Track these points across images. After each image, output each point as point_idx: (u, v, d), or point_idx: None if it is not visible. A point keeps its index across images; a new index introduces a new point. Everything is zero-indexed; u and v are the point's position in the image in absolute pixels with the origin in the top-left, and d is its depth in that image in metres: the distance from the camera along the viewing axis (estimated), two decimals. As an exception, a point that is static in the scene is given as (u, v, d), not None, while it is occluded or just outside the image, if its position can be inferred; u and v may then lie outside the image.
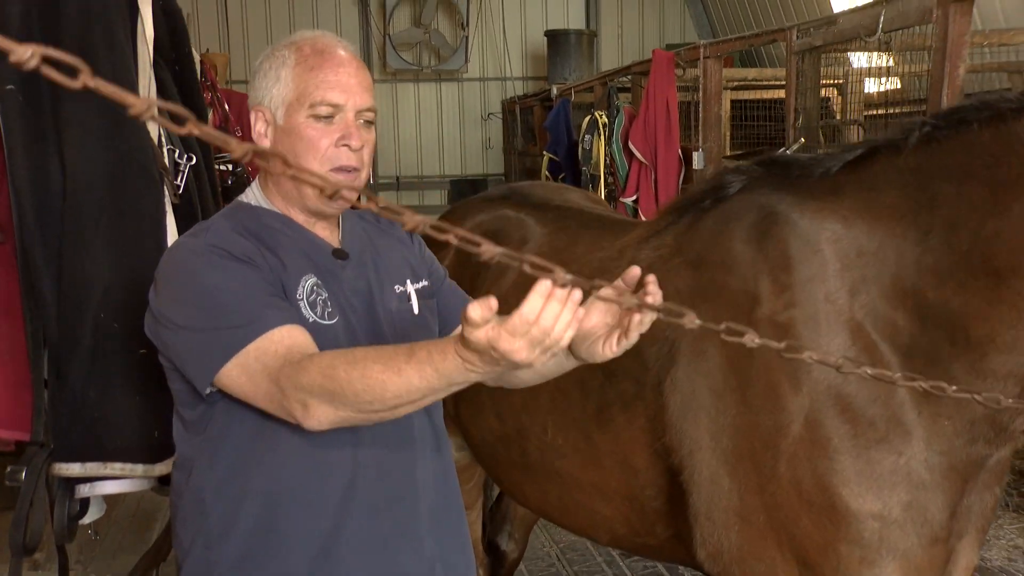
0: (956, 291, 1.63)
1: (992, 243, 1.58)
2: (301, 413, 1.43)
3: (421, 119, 13.16)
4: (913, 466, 1.69)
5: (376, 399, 1.37)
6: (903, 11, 4.07)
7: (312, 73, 1.62)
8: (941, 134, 1.69)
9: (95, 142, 2.10)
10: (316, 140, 1.62)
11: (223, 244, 1.57)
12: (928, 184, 1.69)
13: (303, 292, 1.62)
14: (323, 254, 1.70)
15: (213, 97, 4.57)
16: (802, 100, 5.17)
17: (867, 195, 1.77)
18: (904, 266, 1.70)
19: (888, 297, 1.72)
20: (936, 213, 1.67)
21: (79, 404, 2.13)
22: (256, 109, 1.66)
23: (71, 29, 2.10)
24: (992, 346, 1.62)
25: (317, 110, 1.61)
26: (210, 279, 1.54)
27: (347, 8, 12.72)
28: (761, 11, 11.11)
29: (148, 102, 0.64)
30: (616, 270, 2.23)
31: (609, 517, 2.19)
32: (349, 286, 1.71)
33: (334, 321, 1.64)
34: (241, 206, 1.73)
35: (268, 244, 1.63)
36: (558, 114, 8.43)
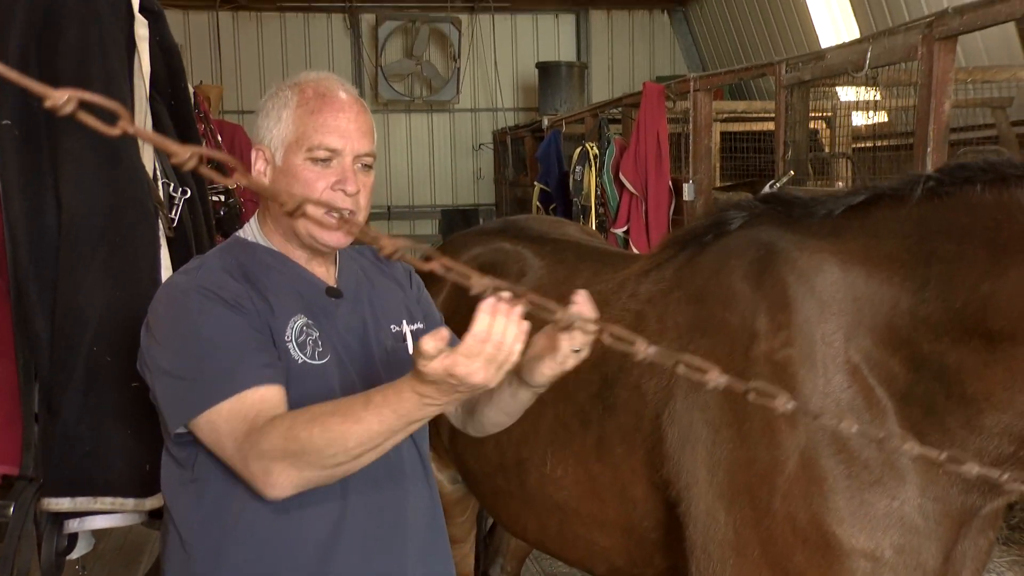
0: (951, 346, 1.65)
1: (986, 305, 1.60)
2: (263, 480, 1.45)
3: (412, 149, 13.21)
4: (907, 510, 1.70)
5: (339, 451, 1.39)
6: (889, 47, 4.13)
7: (312, 116, 1.63)
8: (945, 190, 1.71)
9: (91, 176, 2.11)
10: (312, 182, 1.63)
11: (212, 286, 1.58)
12: (928, 238, 1.71)
13: (292, 333, 1.62)
14: (317, 292, 1.71)
15: (206, 128, 4.57)
16: (791, 133, 5.22)
17: (867, 241, 1.79)
18: (900, 316, 1.72)
19: (883, 344, 1.74)
20: (934, 268, 1.68)
21: (70, 438, 2.11)
22: (257, 148, 1.68)
23: (68, 63, 2.11)
24: (987, 404, 1.62)
25: (315, 153, 1.63)
26: (194, 326, 1.55)
27: (339, 39, 12.80)
28: (750, 45, 11.24)
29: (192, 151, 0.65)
30: (617, 303, 2.27)
31: (608, 549, 2.20)
32: (343, 324, 1.72)
33: (325, 360, 1.65)
34: (238, 242, 1.74)
35: (259, 284, 1.63)
36: (549, 145, 8.48)
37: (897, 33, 4.09)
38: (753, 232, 2.02)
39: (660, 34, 13.45)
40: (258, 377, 1.52)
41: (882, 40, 4.17)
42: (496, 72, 12.90)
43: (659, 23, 13.45)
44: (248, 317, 1.57)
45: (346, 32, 12.77)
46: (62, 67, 2.11)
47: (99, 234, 2.12)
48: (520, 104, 13.14)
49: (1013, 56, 7.00)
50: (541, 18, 13.30)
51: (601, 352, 2.20)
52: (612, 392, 2.11)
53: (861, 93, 5.79)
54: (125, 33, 2.20)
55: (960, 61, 7.18)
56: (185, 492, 1.64)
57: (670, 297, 2.10)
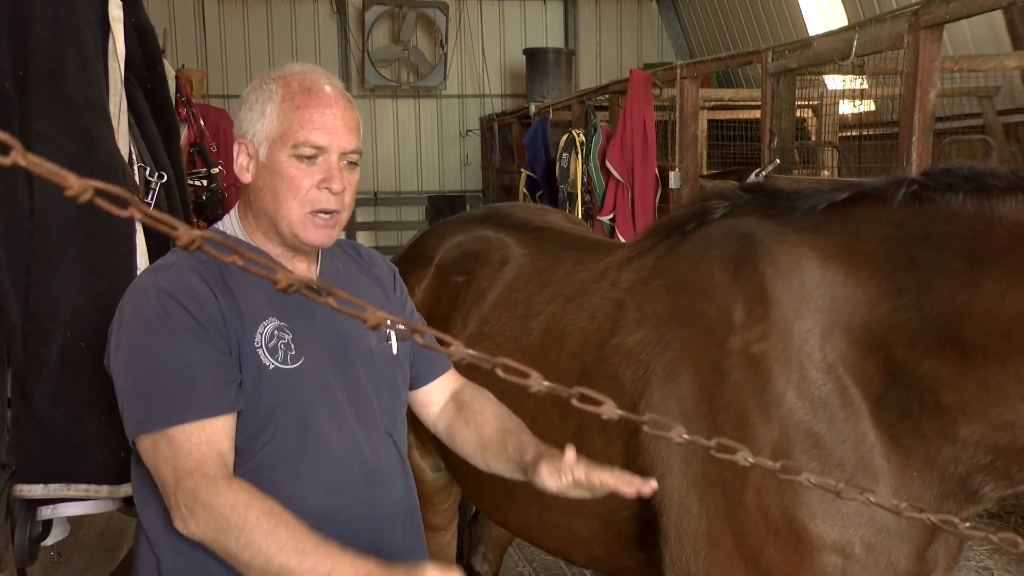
0: (925, 355, 1.64)
1: (961, 317, 1.59)
2: (180, 516, 1.46)
3: (399, 135, 13.17)
4: (878, 511, 1.69)
5: (261, 560, 1.39)
6: (875, 36, 4.13)
7: (298, 112, 1.60)
8: (927, 195, 1.71)
9: (63, 161, 2.07)
10: (297, 180, 1.60)
11: (178, 291, 1.55)
12: (907, 242, 1.70)
13: (261, 338, 1.60)
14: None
15: (188, 113, 4.53)
16: (777, 121, 5.22)
17: (847, 240, 1.79)
18: (876, 319, 1.71)
19: (859, 346, 1.73)
20: (911, 273, 1.68)
21: (44, 424, 2.09)
22: (240, 141, 1.64)
23: (41, 46, 2.07)
24: (961, 414, 1.62)
25: (300, 150, 1.59)
26: (148, 341, 1.53)
27: (326, 24, 12.72)
28: (739, 32, 11.22)
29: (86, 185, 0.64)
30: (598, 291, 2.26)
31: (587, 538, 2.20)
32: (322, 324, 1.69)
33: (298, 364, 1.62)
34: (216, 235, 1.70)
35: (232, 284, 1.61)
36: (536, 132, 8.45)
37: (883, 21, 4.08)
38: (734, 223, 2.01)
39: (648, 21, 13.42)
40: (208, 409, 1.51)
41: (868, 28, 4.16)
42: (483, 58, 12.86)
43: (647, 10, 13.42)
44: (209, 332, 1.55)
45: (332, 17, 12.69)
46: (34, 49, 2.07)
47: (73, 220, 2.09)
48: (508, 91, 13.10)
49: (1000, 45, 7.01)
50: (529, 4, 13.26)
51: (581, 340, 2.22)
52: (591, 381, 2.10)
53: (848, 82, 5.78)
54: (99, 15, 2.17)
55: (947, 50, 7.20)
56: (153, 493, 1.61)
57: (650, 286, 2.10)
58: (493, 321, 2.36)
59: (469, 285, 2.53)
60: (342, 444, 1.66)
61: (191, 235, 0.66)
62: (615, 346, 2.08)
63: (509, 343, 2.34)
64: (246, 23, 12.42)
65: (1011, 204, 1.59)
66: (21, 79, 2.06)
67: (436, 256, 2.71)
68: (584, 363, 2.14)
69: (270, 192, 1.61)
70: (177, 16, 12.02)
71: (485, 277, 2.52)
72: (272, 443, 1.60)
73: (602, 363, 2.10)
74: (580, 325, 2.21)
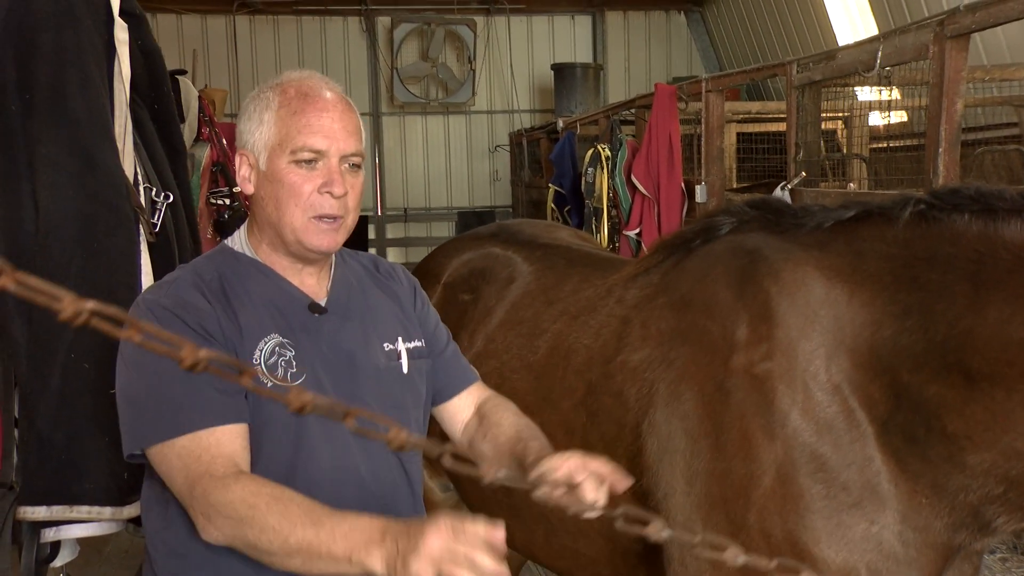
0: (930, 379, 1.60)
1: (965, 342, 1.55)
2: (202, 524, 1.43)
3: (429, 151, 13.21)
4: (885, 536, 1.65)
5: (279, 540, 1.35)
6: (900, 47, 4.06)
7: (295, 117, 1.58)
8: (933, 214, 1.67)
9: (67, 182, 2.09)
10: (298, 186, 1.58)
11: (177, 307, 1.54)
12: (912, 263, 1.67)
13: (261, 356, 1.57)
14: (298, 307, 1.65)
15: (211, 132, 4.57)
16: (803, 134, 5.15)
17: (852, 259, 1.75)
18: (881, 341, 1.67)
19: (864, 368, 1.69)
20: (915, 295, 1.64)
21: (46, 446, 2.10)
22: (241, 153, 1.63)
23: (45, 69, 2.10)
24: (969, 442, 1.57)
25: (299, 155, 1.57)
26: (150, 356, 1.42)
27: (355, 42, 12.83)
28: (768, 45, 11.14)
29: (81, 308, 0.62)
30: (603, 308, 2.23)
31: (594, 559, 2.17)
32: (328, 341, 1.66)
33: (299, 382, 1.59)
34: (224, 251, 1.69)
35: (235, 300, 1.59)
36: (563, 147, 8.45)
37: (908, 32, 4.01)
38: (740, 239, 1.99)
39: (677, 35, 13.37)
40: (214, 417, 1.48)
41: (893, 39, 4.10)
42: (512, 74, 12.88)
43: (675, 24, 13.37)
44: (209, 344, 1.51)
45: (362, 35, 12.79)
46: (38, 71, 2.09)
47: (75, 241, 2.10)
48: (536, 106, 13.10)
49: (1035, 53, 6.87)
50: (557, 19, 13.27)
51: (587, 358, 2.19)
52: (596, 399, 2.08)
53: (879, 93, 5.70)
54: (104, 37, 2.19)
55: (981, 59, 7.07)
56: (156, 507, 1.60)
57: (655, 303, 2.07)
58: (499, 339, 2.33)
59: (476, 303, 2.52)
60: (335, 465, 1.63)
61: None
62: (620, 364, 2.05)
63: (515, 361, 2.32)
64: (277, 42, 12.56)
65: (1016, 226, 1.55)
66: (27, 101, 2.08)
67: (444, 274, 2.70)
68: (589, 381, 2.12)
69: (272, 200, 1.60)
70: (209, 35, 12.20)
71: (492, 295, 2.50)
72: (261, 460, 1.57)
73: (607, 381, 2.07)
74: (586, 342, 2.18)
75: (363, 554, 1.27)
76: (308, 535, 1.33)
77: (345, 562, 1.31)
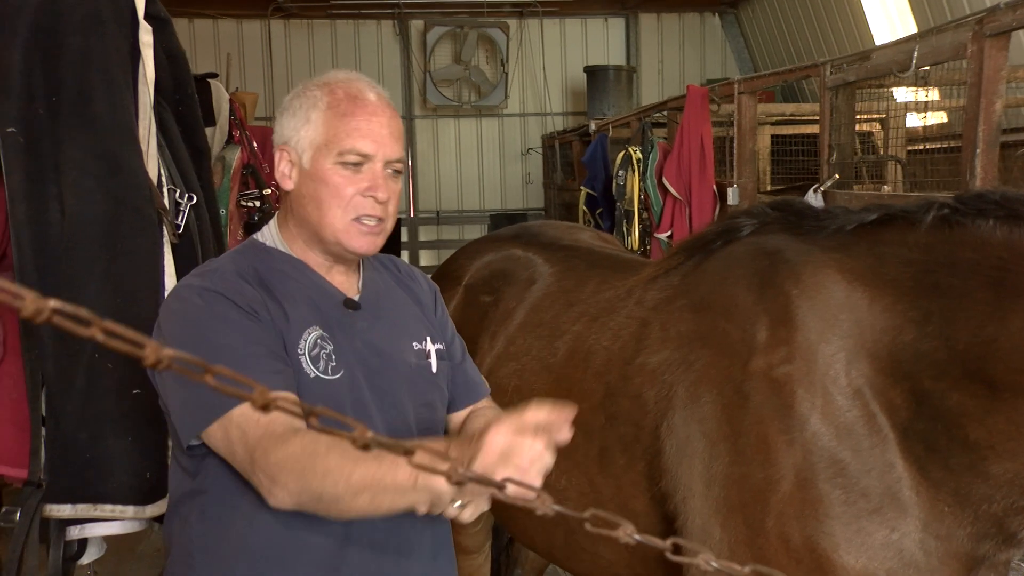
0: (952, 387, 1.57)
1: (988, 351, 1.52)
2: (268, 486, 1.42)
3: (461, 154, 13.24)
4: (906, 544, 1.62)
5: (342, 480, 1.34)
6: (937, 47, 3.99)
7: (344, 120, 1.58)
8: (956, 219, 1.64)
9: (92, 184, 2.12)
10: (342, 187, 1.59)
11: (224, 289, 1.54)
12: (933, 268, 1.64)
13: (305, 346, 1.57)
14: (333, 303, 1.66)
15: (242, 135, 4.60)
16: (836, 136, 5.08)
17: (874, 263, 1.73)
18: (901, 347, 1.65)
19: (885, 374, 1.67)
20: (936, 301, 1.61)
21: (70, 445, 2.12)
22: (282, 148, 1.63)
23: (70, 72, 2.13)
24: (992, 452, 1.54)
25: (346, 158, 1.58)
26: (206, 330, 1.51)
27: (388, 45, 12.89)
28: (803, 46, 11.01)
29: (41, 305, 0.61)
30: (623, 310, 2.22)
31: (613, 562, 2.17)
32: (361, 338, 1.66)
33: (338, 376, 1.59)
34: (254, 246, 1.70)
35: (274, 292, 1.59)
36: (595, 149, 8.42)
37: (946, 31, 3.95)
38: (761, 241, 1.98)
39: (711, 37, 13.27)
40: (274, 383, 1.47)
41: (930, 39, 4.03)
42: (544, 76, 12.87)
43: (710, 25, 13.27)
44: (262, 324, 1.53)
45: (395, 38, 12.86)
46: (64, 75, 2.13)
47: (99, 242, 2.13)
48: (569, 108, 13.07)
49: (1077, 53, 6.72)
50: (590, 22, 13.22)
51: (606, 360, 2.17)
52: (614, 402, 2.07)
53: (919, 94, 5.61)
54: (129, 40, 2.22)
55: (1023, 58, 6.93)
56: (191, 502, 1.60)
57: (674, 305, 2.06)
58: (519, 341, 2.33)
59: (496, 305, 2.52)
60: None
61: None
62: (638, 366, 2.04)
63: (535, 363, 2.31)
64: (311, 45, 12.67)
65: None
66: (53, 104, 2.11)
67: (465, 276, 2.70)
68: (608, 383, 2.11)
69: (313, 200, 1.60)
70: (244, 39, 12.33)
71: (512, 297, 2.50)
72: None
73: (625, 383, 2.06)
74: (605, 344, 2.17)
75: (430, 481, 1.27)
76: (371, 469, 1.32)
77: (411, 489, 1.30)
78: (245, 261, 1.64)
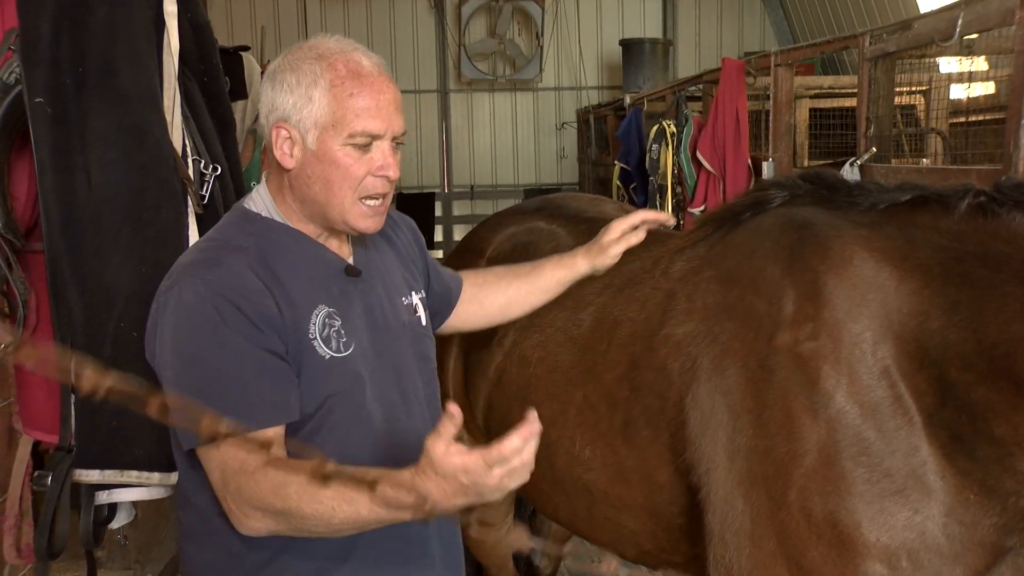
0: (978, 381, 1.53)
1: (1016, 348, 1.48)
2: (238, 519, 1.47)
3: (496, 128, 13.19)
4: (929, 527, 1.59)
5: (321, 525, 1.40)
6: (983, 14, 3.86)
7: (352, 100, 1.55)
8: (992, 208, 1.59)
9: (117, 154, 2.13)
10: (352, 169, 1.57)
11: (234, 295, 1.50)
12: (964, 257, 1.60)
13: (315, 329, 1.57)
14: (335, 274, 1.65)
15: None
16: (874, 108, 4.97)
17: (904, 245, 1.70)
18: (928, 333, 1.61)
19: (910, 357, 1.63)
20: (965, 291, 1.57)
21: (98, 413, 2.16)
22: (280, 125, 1.58)
23: (96, 44, 2.14)
24: (1018, 449, 1.51)
25: (356, 140, 1.56)
26: (204, 348, 1.49)
27: (424, 19, 12.85)
28: (844, 17, 10.78)
29: None
30: (649, 281, 2.19)
31: (636, 532, 2.16)
32: (362, 305, 1.67)
33: (350, 351, 1.60)
34: (247, 216, 1.66)
35: (278, 274, 1.57)
36: (629, 123, 8.35)
37: (994, -4, 3.82)
38: (790, 213, 1.95)
39: (749, 8, 13.04)
40: (261, 419, 1.49)
41: (975, 5, 3.90)
42: (580, 50, 12.75)
43: (748, -3, 13.04)
44: (264, 333, 1.51)
45: (430, 12, 12.80)
46: (90, 46, 2.14)
47: (124, 213, 2.15)
48: (604, 82, 12.95)
49: None
50: (626, -6, 13.06)
51: (631, 331, 2.15)
52: (639, 373, 2.05)
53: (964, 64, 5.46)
54: (154, 10, 2.22)
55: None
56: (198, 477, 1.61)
57: (701, 276, 2.04)
58: (543, 313, 2.32)
59: None
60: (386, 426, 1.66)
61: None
62: (664, 337, 2.02)
63: (559, 335, 2.30)
64: (347, 20, 12.66)
65: None
66: (79, 75, 2.12)
67: (488, 249, 2.69)
68: (632, 354, 2.09)
69: (321, 181, 1.57)
70: (280, 14, 12.36)
71: (536, 269, 2.48)
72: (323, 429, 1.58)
73: (650, 354, 2.04)
74: (630, 315, 2.16)
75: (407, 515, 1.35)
76: (348, 514, 1.38)
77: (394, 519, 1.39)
78: (244, 237, 1.61)
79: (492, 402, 2.45)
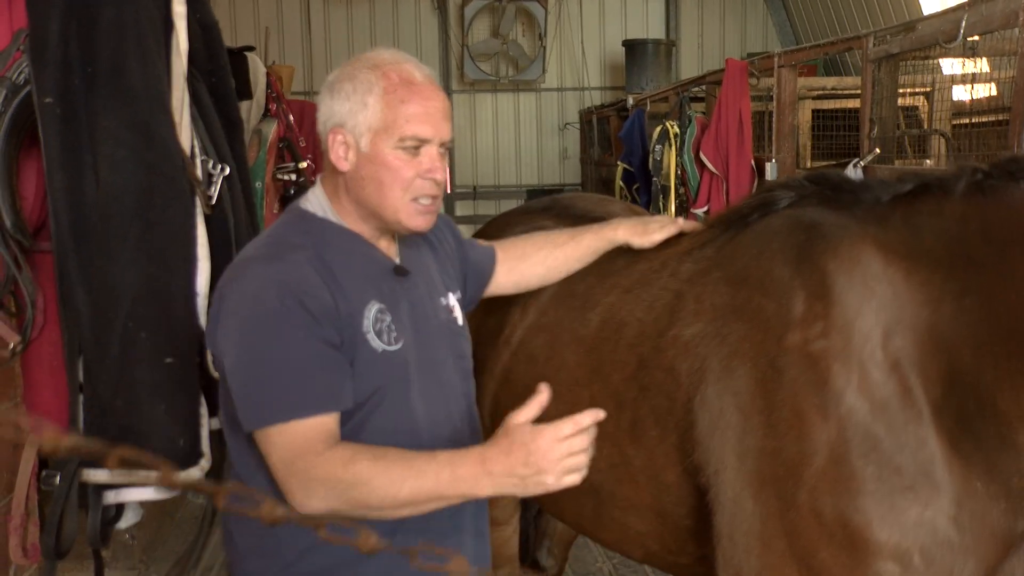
0: (989, 360, 1.54)
1: None
2: (299, 498, 1.52)
3: (498, 129, 13.19)
4: (940, 522, 1.59)
5: (388, 496, 1.48)
6: (986, 15, 3.87)
7: (404, 106, 1.66)
8: (991, 185, 1.60)
9: (125, 154, 2.14)
10: (402, 171, 1.67)
11: (296, 288, 1.59)
12: (968, 238, 1.60)
13: (369, 323, 1.66)
14: (385, 273, 1.75)
15: (278, 108, 4.62)
16: (878, 110, 4.97)
17: (909, 235, 1.70)
18: (939, 321, 1.62)
19: (921, 348, 1.64)
20: (973, 273, 1.58)
21: (106, 412, 2.16)
22: (336, 131, 1.68)
23: (105, 43, 2.15)
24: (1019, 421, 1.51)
25: (406, 143, 1.66)
26: (265, 340, 1.58)
27: (427, 20, 12.86)
28: (847, 18, 10.79)
29: None
30: (657, 282, 2.20)
31: (643, 533, 2.16)
32: (408, 302, 1.76)
33: (400, 345, 1.69)
34: (304, 216, 1.75)
35: (334, 271, 1.66)
36: (632, 124, 8.35)
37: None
38: (797, 214, 1.95)
39: (752, 9, 13.04)
40: (318, 405, 1.57)
41: (979, 7, 3.91)
42: (583, 51, 12.76)
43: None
44: (323, 326, 1.59)
45: (433, 12, 12.81)
46: (99, 46, 2.15)
47: (132, 212, 2.15)
48: (607, 83, 12.96)
49: None
50: (629, -5, 13.07)
51: (639, 331, 2.15)
52: (647, 373, 2.05)
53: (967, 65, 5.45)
54: (162, 11, 2.23)
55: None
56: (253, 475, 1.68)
57: (709, 277, 2.03)
58: (551, 312, 2.32)
59: None
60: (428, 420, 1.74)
61: None
62: (672, 338, 2.02)
63: (566, 334, 2.30)
64: (350, 21, 12.67)
65: None
66: (89, 75, 2.13)
67: (496, 248, 2.68)
68: (640, 354, 2.09)
69: (373, 182, 1.68)
70: (284, 15, 12.38)
71: (544, 268, 2.48)
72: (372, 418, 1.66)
73: (658, 355, 2.04)
74: (638, 316, 2.15)
75: (473, 488, 1.47)
76: (414, 488, 1.47)
77: (456, 499, 1.51)
78: (301, 235, 1.70)
79: (499, 401, 2.45)
